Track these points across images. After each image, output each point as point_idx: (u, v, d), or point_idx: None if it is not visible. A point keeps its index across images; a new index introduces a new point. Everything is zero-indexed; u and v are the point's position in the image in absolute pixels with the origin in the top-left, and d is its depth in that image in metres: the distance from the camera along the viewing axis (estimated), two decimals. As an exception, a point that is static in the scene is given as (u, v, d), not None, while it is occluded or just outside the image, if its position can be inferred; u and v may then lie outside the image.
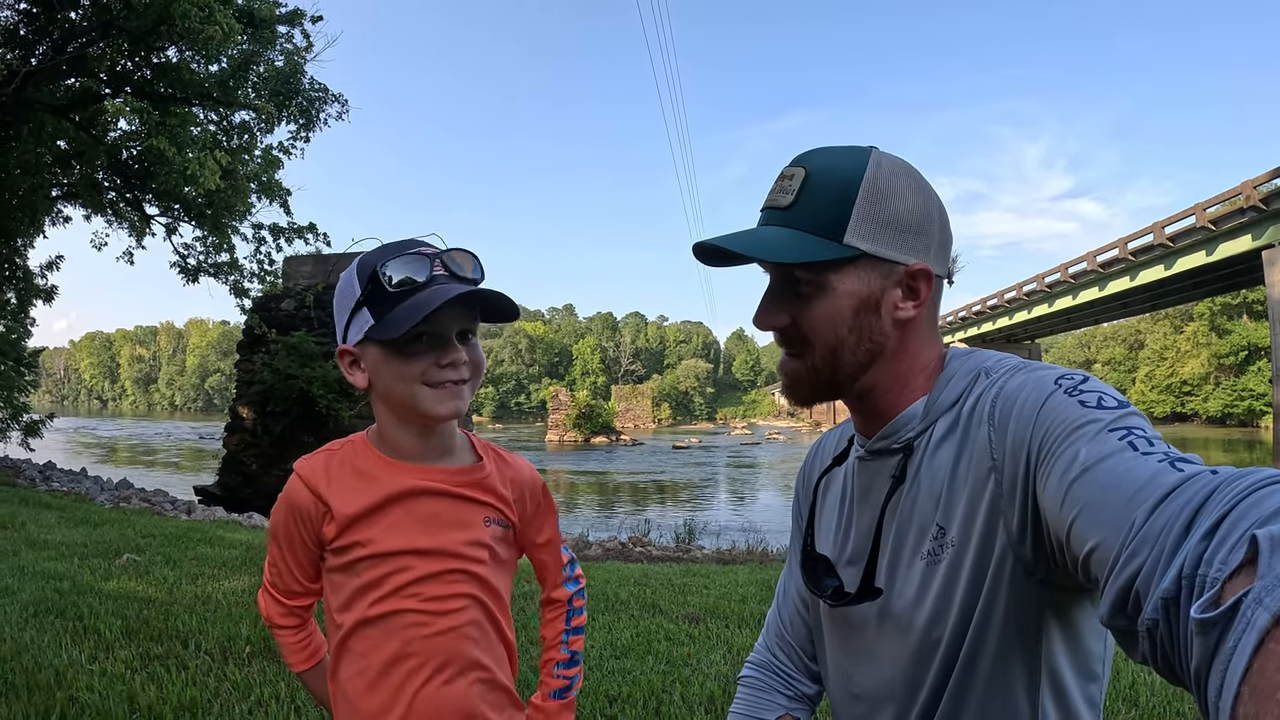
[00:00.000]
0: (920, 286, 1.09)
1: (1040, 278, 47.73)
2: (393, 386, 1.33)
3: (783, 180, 1.10)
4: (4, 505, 11.61)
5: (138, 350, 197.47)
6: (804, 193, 1.06)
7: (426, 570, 1.38)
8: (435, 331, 1.31)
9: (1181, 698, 4.06)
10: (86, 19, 16.07)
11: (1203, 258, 34.62)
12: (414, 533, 1.38)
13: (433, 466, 1.42)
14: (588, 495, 32.96)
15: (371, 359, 1.34)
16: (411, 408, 1.34)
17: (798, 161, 1.10)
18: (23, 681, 3.88)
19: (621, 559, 11.23)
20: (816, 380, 1.12)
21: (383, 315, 1.29)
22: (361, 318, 1.32)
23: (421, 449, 1.41)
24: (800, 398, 1.16)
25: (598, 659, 4.78)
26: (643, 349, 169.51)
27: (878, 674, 1.15)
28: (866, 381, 1.12)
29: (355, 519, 1.37)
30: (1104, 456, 0.80)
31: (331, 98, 20.45)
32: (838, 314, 1.07)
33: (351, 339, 1.35)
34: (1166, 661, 0.63)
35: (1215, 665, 0.52)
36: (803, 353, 1.11)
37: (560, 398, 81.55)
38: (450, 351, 1.33)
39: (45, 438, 22.48)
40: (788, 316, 1.10)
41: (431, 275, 1.31)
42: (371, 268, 1.31)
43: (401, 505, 1.38)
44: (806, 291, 1.08)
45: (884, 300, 1.08)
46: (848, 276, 1.06)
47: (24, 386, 21.51)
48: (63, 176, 19.90)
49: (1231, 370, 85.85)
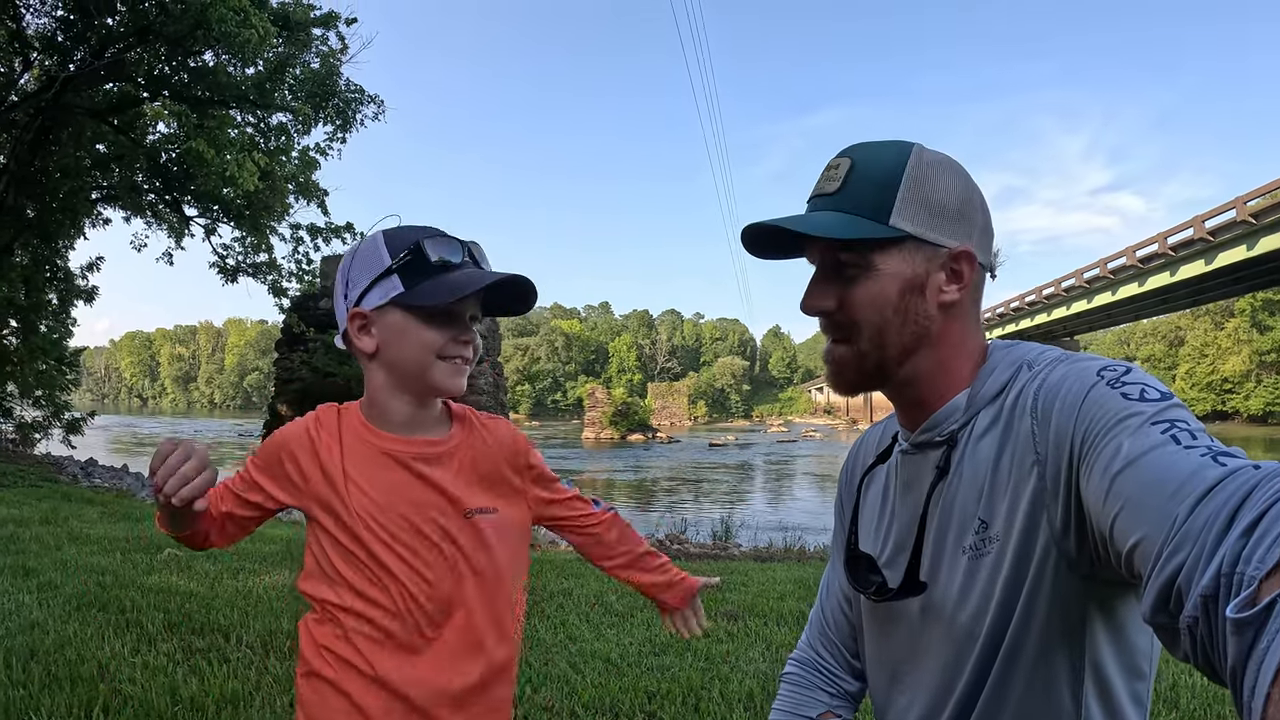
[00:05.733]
0: (963, 269, 1.09)
1: (1079, 273, 47.15)
2: (409, 354, 1.39)
3: (830, 170, 1.12)
4: (47, 501, 11.82)
5: (177, 349, 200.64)
6: (850, 179, 1.08)
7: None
8: (458, 310, 1.40)
9: (1223, 700, 4.00)
10: (123, 25, 16.35)
11: (1243, 252, 33.99)
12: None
13: (414, 438, 1.45)
14: (625, 493, 33.06)
15: (391, 324, 1.38)
16: (421, 377, 1.40)
17: (844, 154, 1.12)
18: (66, 674, 3.92)
19: (658, 556, 11.20)
20: (863, 365, 1.11)
21: (416, 285, 1.36)
22: (389, 284, 1.37)
23: (411, 419, 1.45)
24: (846, 385, 1.16)
25: (636, 656, 4.78)
26: (679, 346, 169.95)
27: (919, 669, 1.14)
28: (911, 368, 1.11)
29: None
30: (1147, 450, 0.79)
31: (368, 98, 20.58)
32: (883, 295, 1.07)
33: (370, 303, 1.38)
34: (1207, 659, 0.62)
35: (1250, 665, 0.52)
36: (849, 337, 1.11)
37: (597, 395, 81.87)
38: (466, 330, 1.42)
39: (86, 435, 22.76)
40: (834, 300, 1.10)
41: (463, 260, 1.40)
42: (411, 241, 1.37)
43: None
44: (852, 274, 1.08)
45: (928, 283, 1.08)
46: (892, 258, 1.07)
47: (65, 385, 21.82)
48: (102, 179, 20.25)
49: (1273, 367, 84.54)
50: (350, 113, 20.39)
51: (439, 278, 1.36)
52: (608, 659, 4.68)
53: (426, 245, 1.36)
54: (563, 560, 9.48)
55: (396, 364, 1.40)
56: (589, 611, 6.01)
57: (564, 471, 27.56)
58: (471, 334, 1.42)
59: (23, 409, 20.96)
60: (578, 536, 1.73)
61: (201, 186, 18.40)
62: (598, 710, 3.88)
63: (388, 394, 1.43)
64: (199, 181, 18.16)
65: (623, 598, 6.53)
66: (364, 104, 20.53)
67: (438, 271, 1.36)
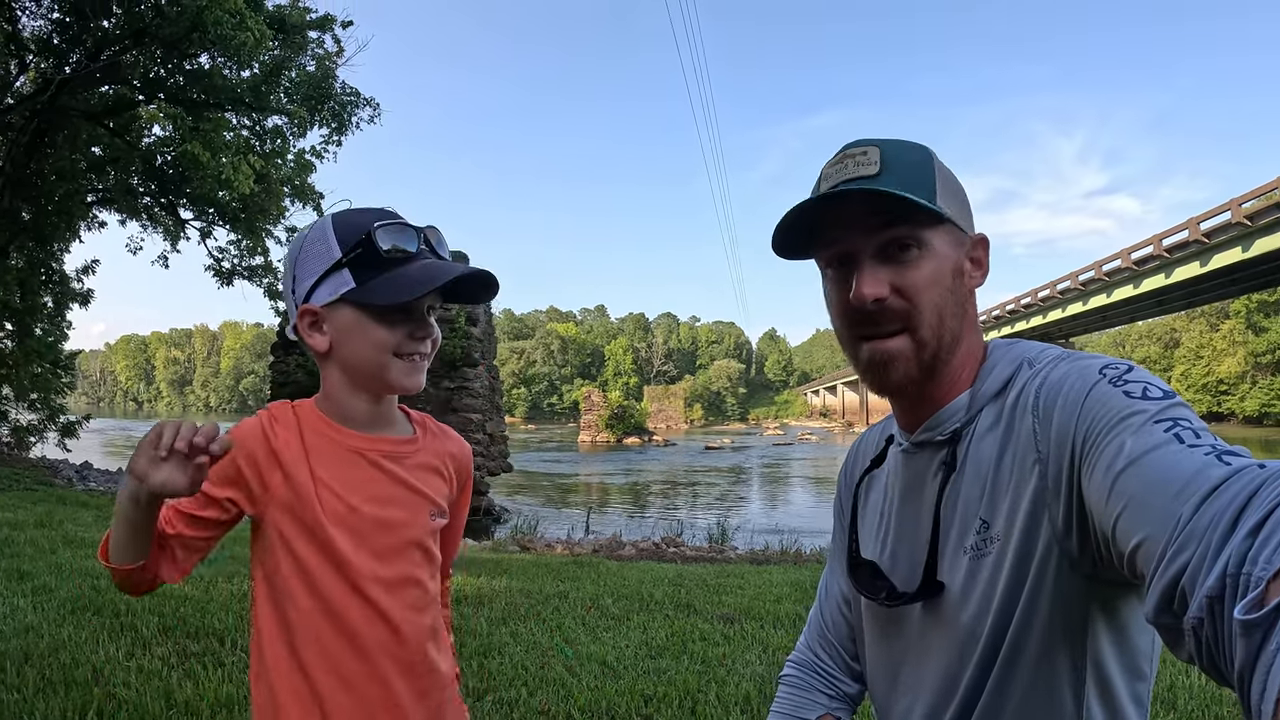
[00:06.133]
0: (982, 256, 1.12)
1: (1074, 275, 47.23)
2: (363, 352, 1.31)
3: (853, 157, 1.07)
4: (42, 504, 11.81)
5: (173, 352, 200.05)
6: (888, 162, 1.05)
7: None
8: (415, 304, 1.31)
9: (1220, 701, 3.99)
10: (119, 27, 16.33)
11: (1239, 254, 34.08)
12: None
13: (379, 436, 1.40)
14: (621, 496, 32.98)
15: (343, 322, 1.31)
16: (377, 376, 1.33)
17: (863, 143, 1.08)
18: (60, 677, 3.91)
19: (655, 559, 11.26)
20: (923, 354, 1.07)
21: (367, 280, 1.27)
22: (339, 279, 1.29)
23: (371, 416, 1.39)
24: (898, 380, 1.09)
25: (633, 659, 4.77)
26: (675, 349, 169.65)
27: (921, 670, 1.13)
28: (951, 358, 1.09)
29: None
30: (1150, 449, 0.78)
31: (363, 101, 20.55)
32: (941, 275, 1.06)
33: (320, 299, 1.30)
34: (1212, 661, 0.62)
35: (1259, 666, 0.52)
36: (906, 326, 1.06)
37: (593, 399, 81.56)
38: (424, 325, 1.34)
39: (82, 438, 22.76)
40: (888, 286, 1.05)
41: (419, 248, 1.31)
42: (359, 231, 1.28)
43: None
44: (911, 254, 1.05)
45: (963, 268, 1.09)
46: (942, 239, 1.06)
47: (61, 388, 21.80)
48: (98, 182, 20.25)
49: (1269, 369, 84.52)
50: (346, 116, 20.34)
51: (393, 272, 1.28)
52: (604, 662, 4.68)
53: (378, 235, 1.28)
54: (558, 564, 9.48)
55: (350, 362, 1.33)
56: (585, 615, 6.01)
57: (559, 475, 27.70)
58: (429, 328, 1.35)
59: (18, 412, 20.96)
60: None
61: (197, 189, 18.38)
62: (594, 714, 3.87)
63: (346, 392, 1.37)
64: (194, 184, 18.15)
65: (619, 601, 6.54)
66: (359, 107, 20.49)
67: (391, 264, 1.28)
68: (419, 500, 1.40)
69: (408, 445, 1.42)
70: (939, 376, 1.10)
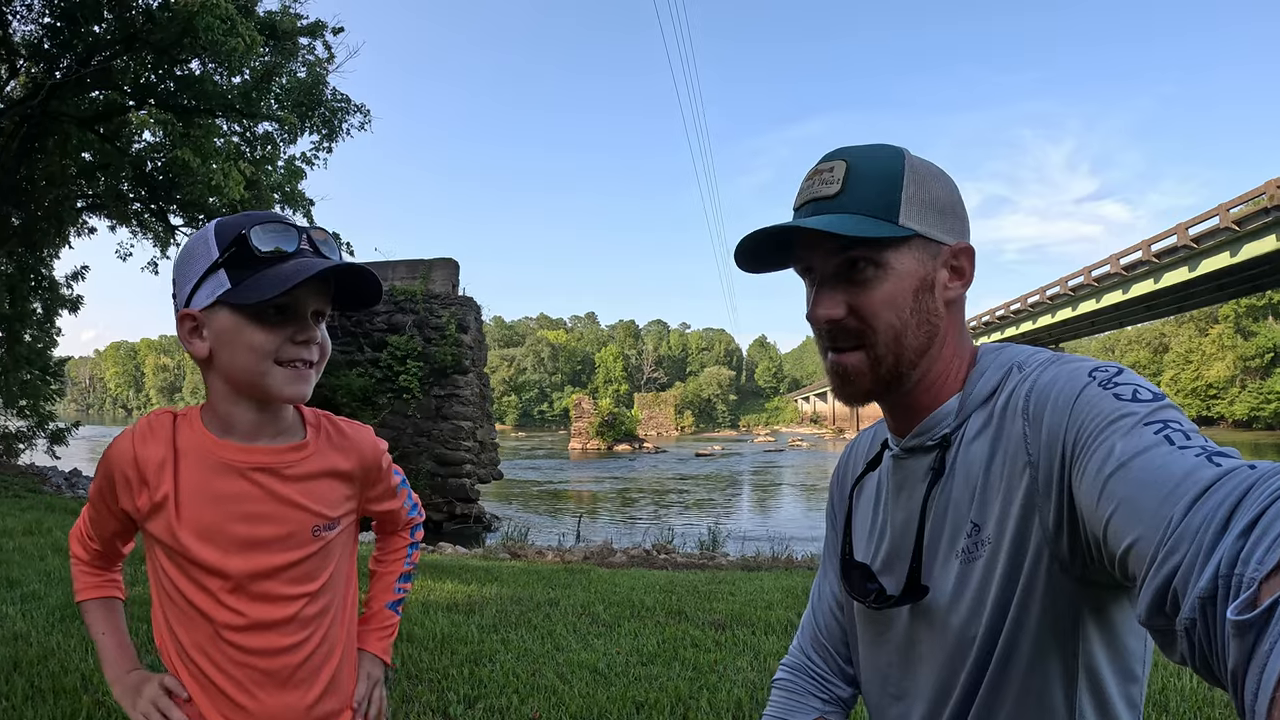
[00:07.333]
0: (964, 265, 1.10)
1: (1063, 281, 47.33)
2: (241, 359, 1.25)
3: (820, 174, 1.08)
4: (31, 512, 11.72)
5: (162, 359, 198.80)
6: (850, 180, 1.05)
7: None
8: (295, 306, 1.26)
9: (1212, 703, 3.99)
10: (110, 32, 16.29)
11: (1227, 259, 34.17)
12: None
13: (260, 446, 1.34)
14: (612, 503, 32.89)
15: (221, 326, 1.24)
16: (257, 384, 1.27)
17: (832, 156, 1.09)
18: (49, 686, 3.89)
19: (646, 566, 11.23)
20: (879, 370, 1.08)
21: (243, 280, 1.22)
22: (215, 281, 1.23)
23: (255, 425, 1.33)
24: (859, 394, 1.12)
25: (624, 666, 4.76)
26: (665, 356, 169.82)
27: (914, 675, 1.14)
28: (922, 370, 1.10)
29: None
30: (1140, 450, 0.78)
31: (354, 108, 20.56)
32: (900, 295, 1.05)
33: (199, 303, 1.25)
34: (1205, 662, 0.62)
35: (1252, 667, 0.52)
36: (860, 344, 1.08)
37: (583, 406, 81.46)
38: (306, 329, 1.27)
39: (71, 445, 22.70)
40: (846, 306, 1.07)
41: (299, 248, 1.25)
42: (236, 231, 1.23)
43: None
44: (867, 275, 1.05)
45: (936, 280, 1.08)
46: (905, 257, 1.05)
47: (50, 395, 21.76)
48: (88, 188, 20.22)
49: (1258, 372, 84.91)
50: (336, 122, 20.36)
51: (266, 271, 1.22)
52: (595, 669, 4.67)
53: (255, 234, 1.22)
54: (549, 571, 9.46)
55: (229, 370, 1.26)
56: (576, 621, 6.00)
57: (550, 483, 27.57)
58: (312, 332, 1.28)
59: (6, 419, 20.88)
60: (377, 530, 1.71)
61: (187, 195, 18.33)
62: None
63: (229, 402, 1.30)
64: (185, 190, 18.13)
65: (610, 608, 6.52)
66: (350, 113, 20.51)
67: (267, 264, 1.22)
68: (298, 515, 1.35)
69: (294, 453, 1.36)
70: (914, 385, 1.11)
